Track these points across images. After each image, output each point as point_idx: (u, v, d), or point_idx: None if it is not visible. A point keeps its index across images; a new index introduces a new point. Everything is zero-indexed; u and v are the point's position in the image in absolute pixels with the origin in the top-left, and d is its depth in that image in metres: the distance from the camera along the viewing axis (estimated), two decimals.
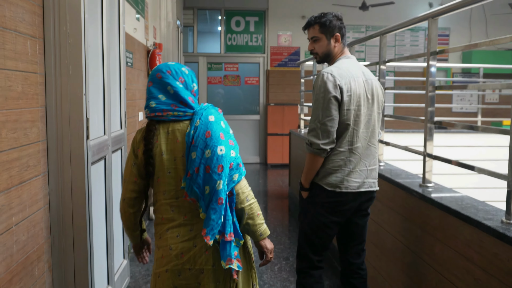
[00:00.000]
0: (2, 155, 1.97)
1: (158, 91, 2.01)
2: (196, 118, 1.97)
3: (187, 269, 1.96)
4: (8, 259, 2.03)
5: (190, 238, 1.97)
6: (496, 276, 1.94)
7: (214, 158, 1.91)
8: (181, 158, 1.97)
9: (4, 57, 1.99)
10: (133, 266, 4.17)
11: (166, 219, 2.01)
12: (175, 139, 1.98)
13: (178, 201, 1.99)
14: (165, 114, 1.98)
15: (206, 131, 1.94)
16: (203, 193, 1.91)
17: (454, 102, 10.35)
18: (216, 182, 1.90)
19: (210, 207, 1.91)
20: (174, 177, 1.98)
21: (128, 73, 4.53)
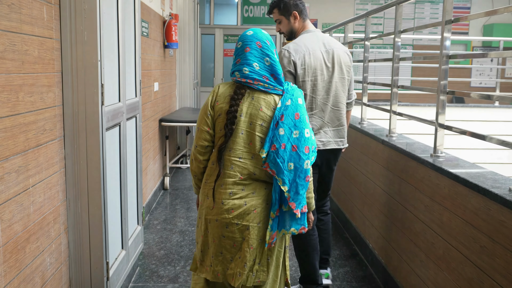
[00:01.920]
0: (19, 117, 2.03)
1: (255, 59, 2.15)
2: (288, 97, 2.14)
3: (234, 224, 2.16)
4: (25, 218, 2.10)
5: (241, 197, 2.15)
6: (501, 243, 1.96)
7: (302, 139, 2.11)
8: (259, 125, 2.13)
9: (21, 21, 2.03)
10: (147, 234, 4.27)
11: (225, 174, 2.17)
12: (259, 107, 2.14)
13: (240, 161, 2.15)
14: (256, 83, 2.14)
15: (295, 112, 2.12)
16: (287, 168, 2.09)
17: (473, 77, 10.19)
18: (304, 162, 2.10)
19: (299, 184, 2.11)
20: (245, 139, 2.15)
21: (143, 43, 4.55)
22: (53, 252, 2.40)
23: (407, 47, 10.06)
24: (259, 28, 2.27)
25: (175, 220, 4.67)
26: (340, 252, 3.95)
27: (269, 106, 2.14)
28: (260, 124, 2.13)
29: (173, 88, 6.77)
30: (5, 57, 1.89)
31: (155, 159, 5.35)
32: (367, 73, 4.24)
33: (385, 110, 3.67)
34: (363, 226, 3.92)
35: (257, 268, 2.20)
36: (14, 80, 1.97)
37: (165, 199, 5.44)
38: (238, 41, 2.23)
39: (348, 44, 5.11)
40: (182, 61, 7.03)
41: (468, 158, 4.58)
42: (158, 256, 3.79)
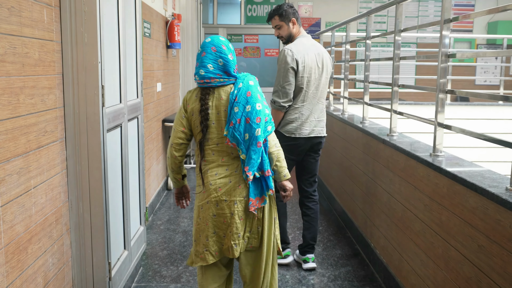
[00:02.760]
0: (20, 119, 2.05)
1: (208, 61, 2.48)
2: (239, 82, 2.49)
3: (223, 200, 2.47)
4: (27, 219, 2.13)
5: (226, 176, 2.47)
6: (498, 242, 1.96)
7: (254, 112, 2.43)
8: (223, 112, 2.47)
9: (21, 24, 2.05)
10: (151, 234, 4.30)
11: (207, 161, 2.51)
12: (220, 98, 2.48)
13: (218, 146, 2.49)
14: (213, 81, 2.47)
15: (247, 91, 2.46)
16: (243, 139, 2.42)
17: (477, 75, 10.15)
18: (255, 130, 2.42)
19: (251, 149, 2.42)
20: (217, 127, 2.47)
21: (145, 43, 4.58)
22: (56, 253, 2.43)
23: (411, 45, 10.04)
24: (218, 35, 2.60)
25: (178, 221, 4.70)
26: (342, 252, 3.97)
27: (227, 93, 2.48)
28: (223, 110, 2.47)
29: (177, 88, 6.79)
30: (5, 60, 1.91)
31: (159, 160, 5.38)
32: (368, 72, 4.24)
33: (385, 109, 3.67)
34: (364, 226, 3.93)
35: (248, 235, 2.52)
36: (14, 83, 1.99)
37: (169, 199, 5.46)
38: (199, 48, 2.57)
39: (351, 43, 5.11)
40: (186, 61, 7.06)
41: (470, 156, 4.58)
42: (161, 256, 3.82)
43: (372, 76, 8.28)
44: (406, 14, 9.98)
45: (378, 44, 10.02)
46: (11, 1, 1.96)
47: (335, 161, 5.16)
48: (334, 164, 5.21)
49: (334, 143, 5.24)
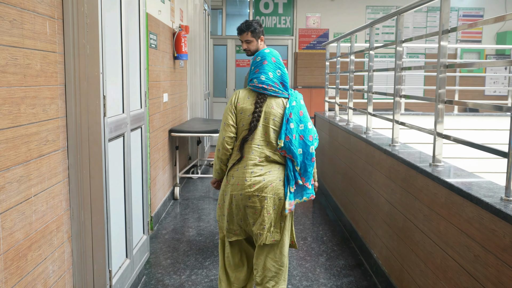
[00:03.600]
0: (21, 129, 2.10)
1: (269, 69, 2.80)
2: (293, 100, 2.80)
3: (255, 195, 2.77)
4: (27, 227, 2.16)
5: (260, 175, 2.78)
6: (493, 252, 1.96)
7: (306, 130, 2.77)
8: (272, 120, 2.77)
9: (23, 36, 2.11)
10: (155, 243, 4.33)
11: (246, 158, 2.80)
12: (271, 106, 2.78)
13: (258, 147, 2.79)
14: (269, 88, 2.76)
15: (299, 110, 2.78)
16: (298, 153, 2.74)
17: (487, 85, 10.10)
18: (309, 147, 2.76)
19: (307, 164, 2.77)
20: (261, 131, 2.78)
21: (152, 54, 4.64)
22: (56, 260, 2.46)
23: (420, 56, 10.04)
24: (273, 48, 2.93)
25: (183, 230, 4.72)
26: (345, 262, 3.96)
27: (279, 105, 2.79)
28: (272, 119, 2.77)
29: (184, 99, 6.85)
30: (6, 70, 1.96)
31: (165, 169, 5.42)
32: (372, 83, 4.25)
33: (388, 119, 3.68)
34: (368, 236, 3.92)
35: (272, 230, 2.82)
36: (15, 93, 2.04)
37: (175, 209, 5.50)
38: (257, 56, 2.87)
39: (358, 54, 5.13)
40: (193, 72, 7.12)
41: (473, 167, 4.55)
42: (164, 265, 3.84)
43: (380, 87, 8.29)
44: (414, 25, 9.99)
45: (386, 54, 10.04)
46: (13, 14, 2.01)
47: (339, 171, 5.16)
48: (339, 174, 5.22)
49: (339, 154, 5.25)
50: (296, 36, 10.09)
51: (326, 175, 6.07)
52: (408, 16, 9.96)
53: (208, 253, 4.10)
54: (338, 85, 5.78)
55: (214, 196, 6.06)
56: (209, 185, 6.64)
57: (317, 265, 3.89)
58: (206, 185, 6.66)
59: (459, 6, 10.04)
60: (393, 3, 9.85)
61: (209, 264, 3.88)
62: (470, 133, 6.22)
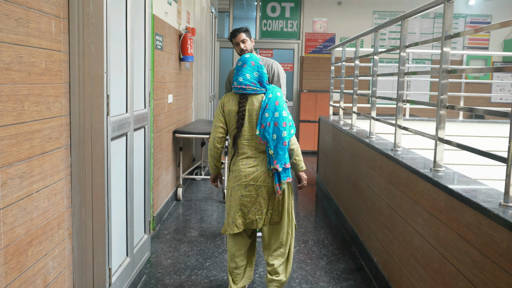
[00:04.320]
0: (24, 126, 2.12)
1: (247, 71, 3.12)
2: (269, 93, 3.13)
3: (251, 185, 3.11)
4: (28, 222, 2.19)
5: (253, 166, 3.12)
6: (491, 258, 1.96)
7: (281, 117, 3.06)
8: (255, 115, 3.10)
9: (28, 34, 2.14)
10: (157, 243, 4.34)
11: (239, 153, 3.15)
12: (253, 103, 3.11)
13: (248, 142, 3.13)
14: (247, 88, 3.09)
15: (275, 100, 3.09)
16: (272, 138, 3.04)
17: (493, 92, 10.07)
18: (282, 132, 3.04)
19: (278, 147, 3.05)
20: (248, 127, 3.12)
21: (157, 55, 4.67)
22: (56, 257, 2.49)
23: (426, 62, 10.02)
24: (254, 54, 3.28)
25: (185, 231, 4.74)
26: (345, 266, 3.96)
27: (258, 101, 3.11)
28: (255, 114, 3.10)
29: (189, 100, 6.88)
30: (11, 68, 1.99)
31: (168, 170, 5.44)
32: (375, 87, 4.26)
33: (390, 124, 3.68)
34: (368, 240, 3.92)
35: (271, 212, 3.16)
36: (20, 90, 2.07)
37: (178, 209, 5.51)
38: (239, 61, 3.20)
39: (364, 58, 5.14)
40: (199, 74, 7.15)
41: (477, 174, 4.54)
42: (164, 265, 3.86)
43: (386, 92, 8.28)
44: (421, 31, 9.98)
45: (392, 60, 10.02)
46: (19, 13, 2.04)
47: (343, 175, 5.17)
48: (342, 178, 5.22)
49: (342, 157, 5.25)
50: (303, 40, 10.11)
51: (329, 178, 6.08)
52: (415, 22, 9.95)
53: (209, 254, 4.11)
54: (342, 90, 5.79)
55: (217, 198, 6.07)
56: (212, 187, 6.66)
57: (317, 268, 3.89)
58: (209, 187, 6.67)
59: (466, 13, 10.03)
60: (400, 9, 9.85)
61: (210, 265, 3.89)
62: (474, 140, 6.20)
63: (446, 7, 2.68)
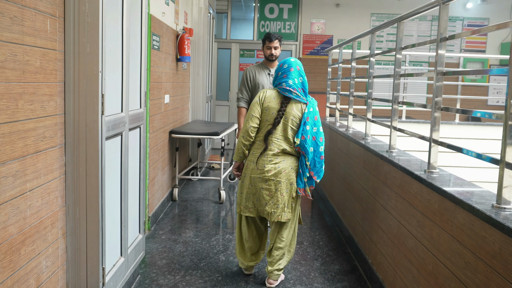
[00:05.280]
0: (18, 124, 2.12)
1: (294, 76, 3.38)
2: (310, 106, 3.38)
3: (271, 180, 3.39)
4: (21, 221, 2.18)
5: (276, 163, 3.39)
6: (483, 259, 1.97)
7: (318, 133, 3.37)
8: (291, 120, 3.36)
9: (23, 33, 2.13)
10: (151, 243, 4.34)
11: (268, 148, 3.39)
12: (292, 108, 3.37)
13: (277, 141, 3.39)
14: (294, 92, 3.34)
15: (315, 115, 3.38)
16: (309, 151, 3.33)
17: (490, 95, 10.09)
18: (319, 147, 3.36)
19: (316, 160, 3.37)
20: (281, 127, 3.39)
21: (154, 56, 4.67)
22: (50, 256, 2.48)
23: (423, 64, 10.04)
24: (296, 59, 3.51)
25: (180, 231, 4.74)
26: (340, 267, 3.96)
27: (298, 108, 3.38)
28: (291, 119, 3.36)
29: (186, 101, 6.87)
30: (5, 66, 1.99)
31: (164, 170, 5.43)
32: (371, 89, 4.27)
33: (386, 125, 3.69)
34: (363, 242, 3.93)
35: (286, 209, 3.41)
36: (13, 89, 2.06)
37: (173, 210, 5.51)
38: (284, 63, 3.44)
39: (357, 60, 5.15)
40: (196, 74, 7.15)
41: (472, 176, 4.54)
42: (159, 265, 3.85)
43: (383, 94, 8.29)
44: (419, 33, 10.00)
45: (389, 62, 10.04)
46: (13, 11, 2.04)
47: (338, 177, 5.17)
48: (337, 180, 5.22)
49: (337, 159, 5.25)
50: (300, 42, 10.11)
51: (325, 180, 6.08)
52: (413, 24, 9.97)
53: (203, 255, 4.11)
54: (339, 91, 5.80)
55: (213, 199, 6.07)
56: (208, 188, 6.65)
57: (312, 269, 3.90)
58: (205, 187, 6.67)
59: (464, 16, 10.05)
60: (398, 11, 9.86)
61: (204, 265, 3.89)
62: (470, 142, 6.22)
63: (441, 9, 2.69)
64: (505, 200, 2.05)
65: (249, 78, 4.62)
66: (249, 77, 4.63)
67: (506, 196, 2.05)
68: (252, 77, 4.62)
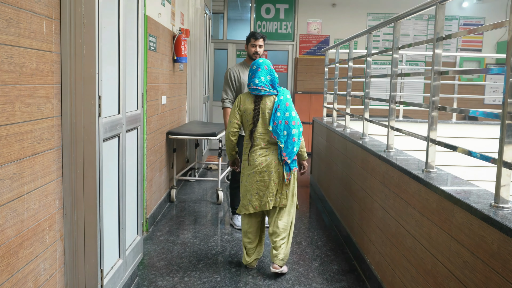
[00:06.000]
0: (15, 127, 2.11)
1: (262, 75, 3.66)
2: (281, 94, 3.68)
3: (264, 171, 3.68)
4: (19, 224, 2.17)
5: (266, 155, 3.69)
6: (482, 258, 1.97)
7: (290, 117, 3.62)
8: (267, 113, 3.66)
9: (19, 35, 2.12)
10: (150, 244, 4.33)
11: (254, 145, 3.69)
12: (266, 103, 3.69)
13: (261, 135, 3.68)
14: (262, 89, 3.65)
15: (286, 102, 3.66)
16: (282, 134, 3.59)
17: (486, 94, 10.11)
18: (291, 129, 3.61)
19: (288, 142, 3.60)
20: (261, 123, 3.69)
21: (151, 57, 4.66)
22: (48, 258, 2.47)
23: (420, 64, 10.06)
24: (266, 59, 3.79)
25: (178, 232, 4.73)
26: (338, 267, 3.96)
27: (271, 101, 3.69)
28: (268, 112, 3.66)
29: (183, 102, 6.87)
30: (1, 69, 1.98)
31: (161, 171, 5.42)
32: (369, 89, 4.27)
33: (383, 125, 3.69)
34: (362, 241, 3.93)
35: (279, 195, 3.70)
36: (10, 91, 2.06)
37: (171, 211, 5.50)
38: (253, 65, 3.72)
39: (354, 60, 5.15)
40: (193, 75, 7.14)
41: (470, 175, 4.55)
42: (157, 267, 3.84)
43: (380, 93, 8.30)
44: (415, 33, 10.02)
45: (386, 62, 10.05)
46: (9, 13, 2.03)
47: (336, 177, 5.17)
48: (335, 180, 5.22)
49: (335, 159, 5.25)
50: (297, 42, 10.12)
51: (323, 180, 6.08)
52: (409, 24, 9.99)
53: (202, 256, 4.11)
54: (336, 91, 5.80)
55: (211, 200, 6.07)
56: (206, 188, 6.65)
57: (310, 270, 3.89)
58: (203, 188, 6.66)
59: (460, 15, 10.08)
60: (394, 11, 9.88)
61: (203, 266, 3.88)
62: (467, 141, 6.22)
63: (438, 9, 2.69)
64: (503, 199, 2.05)
65: (234, 77, 4.69)
66: (233, 76, 4.69)
67: (504, 195, 2.05)
68: (237, 77, 4.69)
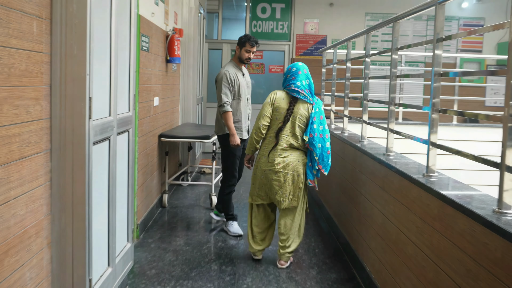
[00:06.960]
0: (2, 129, 2.02)
1: (302, 78, 3.78)
2: (317, 106, 3.78)
3: (280, 172, 3.79)
4: (5, 231, 2.08)
5: (284, 157, 3.79)
6: (485, 266, 1.89)
7: (325, 130, 3.75)
8: (298, 118, 3.77)
9: (8, 35, 2.04)
10: (140, 252, 4.21)
11: (278, 144, 3.78)
12: (299, 108, 3.78)
13: (286, 137, 3.79)
14: (301, 93, 3.74)
15: (320, 115, 3.76)
16: (317, 147, 3.70)
17: (487, 96, 10.04)
18: (326, 143, 3.72)
19: (324, 155, 3.72)
20: (289, 125, 3.80)
21: (143, 57, 4.57)
22: (34, 267, 2.38)
23: (419, 65, 9.99)
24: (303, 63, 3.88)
25: (170, 239, 4.61)
26: (337, 276, 3.86)
27: (305, 108, 3.78)
28: (299, 117, 3.76)
29: (176, 103, 6.77)
30: None
31: (153, 176, 5.31)
32: (367, 90, 4.19)
33: (382, 128, 3.61)
34: (360, 248, 3.84)
35: (291, 197, 3.83)
36: None
37: (163, 217, 5.37)
38: (292, 67, 3.84)
39: (352, 61, 5.08)
40: (186, 75, 7.03)
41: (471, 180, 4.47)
42: (148, 275, 3.73)
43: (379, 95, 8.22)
44: (414, 33, 9.95)
45: (385, 62, 9.97)
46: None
47: (334, 181, 5.08)
48: (333, 184, 5.14)
49: (333, 163, 5.16)
50: (294, 42, 10.04)
51: (320, 184, 5.99)
52: (408, 24, 9.93)
53: (195, 264, 4.00)
54: (334, 93, 5.72)
55: (204, 205, 5.94)
56: (199, 193, 6.52)
57: (307, 278, 3.80)
58: (196, 193, 6.54)
59: (459, 16, 10.02)
60: (393, 11, 9.80)
61: (195, 275, 3.78)
62: (468, 144, 6.16)
63: (437, 9, 2.62)
64: (506, 205, 1.98)
65: (233, 81, 4.66)
66: (232, 79, 4.66)
67: (507, 200, 1.98)
68: (235, 79, 4.68)
